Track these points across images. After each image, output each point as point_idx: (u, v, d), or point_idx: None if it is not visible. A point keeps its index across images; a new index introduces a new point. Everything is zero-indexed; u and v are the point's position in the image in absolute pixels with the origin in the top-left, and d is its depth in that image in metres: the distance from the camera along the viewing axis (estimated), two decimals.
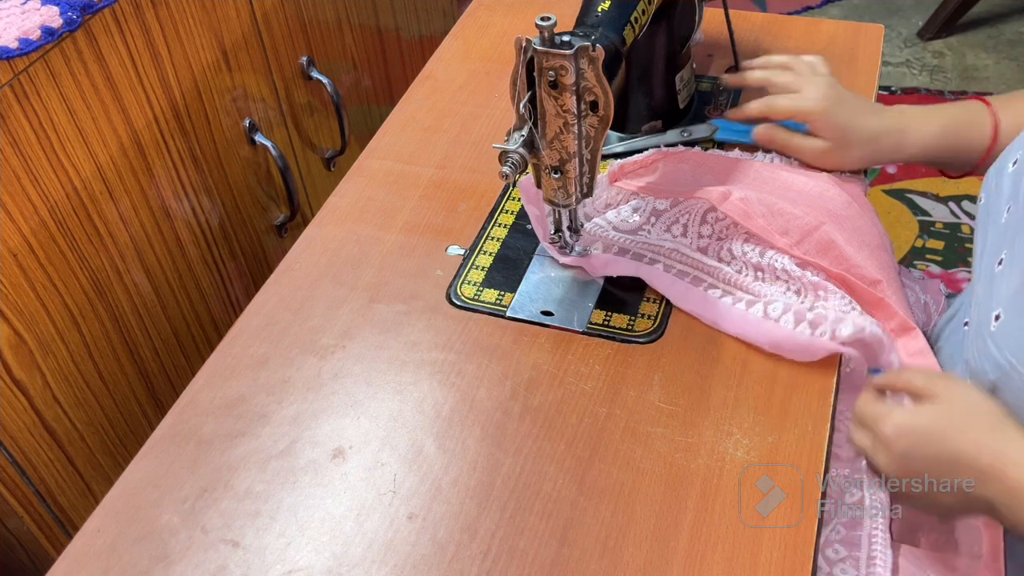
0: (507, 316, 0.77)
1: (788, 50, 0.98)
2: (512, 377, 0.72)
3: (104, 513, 0.65)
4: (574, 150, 0.69)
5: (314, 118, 1.26)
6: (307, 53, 1.21)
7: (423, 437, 0.69)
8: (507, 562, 0.61)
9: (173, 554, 0.63)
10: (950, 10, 2.21)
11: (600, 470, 0.65)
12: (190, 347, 1.09)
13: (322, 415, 0.70)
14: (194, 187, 1.04)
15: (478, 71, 1.04)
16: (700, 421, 0.68)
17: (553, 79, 0.65)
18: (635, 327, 0.75)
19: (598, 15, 0.74)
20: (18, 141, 0.80)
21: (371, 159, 0.94)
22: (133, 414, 1.00)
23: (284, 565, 0.62)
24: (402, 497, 0.65)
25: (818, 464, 0.65)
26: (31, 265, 0.84)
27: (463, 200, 0.88)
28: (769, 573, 0.59)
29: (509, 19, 1.12)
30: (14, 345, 0.83)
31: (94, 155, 0.89)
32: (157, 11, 0.92)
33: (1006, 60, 2.18)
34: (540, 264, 0.81)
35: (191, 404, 0.72)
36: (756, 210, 0.77)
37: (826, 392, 0.69)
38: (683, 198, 0.80)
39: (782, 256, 0.76)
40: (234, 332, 0.77)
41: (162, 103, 0.96)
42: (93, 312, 0.92)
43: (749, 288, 0.76)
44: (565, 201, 0.73)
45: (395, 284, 0.80)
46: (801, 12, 2.37)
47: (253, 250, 1.18)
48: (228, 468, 0.67)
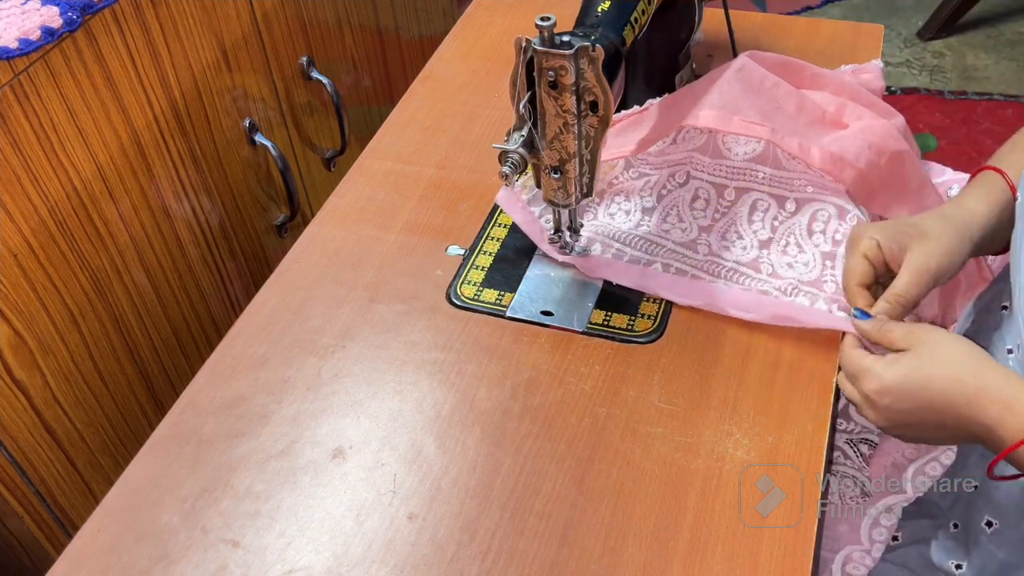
0: (507, 316, 0.77)
1: (788, 50, 0.98)
2: (512, 377, 0.72)
3: (104, 513, 0.65)
4: (574, 150, 0.69)
5: (314, 118, 1.26)
6: (307, 53, 1.21)
7: (423, 437, 0.69)
8: (507, 562, 0.61)
9: (173, 554, 0.63)
10: (950, 10, 2.21)
11: (600, 470, 0.65)
12: (190, 347, 1.09)
13: (322, 415, 0.70)
14: (194, 187, 1.04)
15: (478, 71, 1.04)
16: (700, 421, 0.68)
17: (553, 79, 0.65)
18: (635, 327, 0.75)
19: (598, 15, 0.74)
20: (18, 141, 0.80)
21: (371, 159, 0.94)
22: (133, 414, 1.00)
23: (284, 565, 0.62)
24: (402, 497, 0.65)
25: (818, 464, 0.65)
26: (31, 265, 0.84)
27: (463, 200, 0.88)
28: (769, 573, 0.59)
29: (509, 19, 1.12)
30: (14, 345, 0.83)
31: (94, 155, 0.89)
32: (157, 11, 0.92)
33: (1006, 60, 2.18)
34: (540, 264, 0.81)
35: (191, 404, 0.72)
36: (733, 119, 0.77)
37: (826, 392, 0.69)
38: (671, 131, 0.81)
39: (792, 222, 0.77)
40: (234, 332, 0.77)
41: (162, 103, 0.96)
42: (93, 312, 0.92)
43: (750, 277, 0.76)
44: (565, 201, 0.73)
45: (395, 284, 0.80)
46: (801, 12, 2.37)
47: (253, 250, 1.18)
48: (228, 468, 0.67)
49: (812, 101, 0.82)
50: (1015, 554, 0.69)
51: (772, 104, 0.79)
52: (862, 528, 0.76)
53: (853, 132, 0.80)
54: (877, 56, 1.00)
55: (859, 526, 0.76)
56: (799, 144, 0.76)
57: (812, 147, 0.76)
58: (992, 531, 0.70)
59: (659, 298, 0.77)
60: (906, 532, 0.78)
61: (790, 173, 0.78)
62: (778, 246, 0.78)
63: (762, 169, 0.78)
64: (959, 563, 0.73)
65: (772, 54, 0.86)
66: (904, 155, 0.81)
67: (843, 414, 0.82)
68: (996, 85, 2.11)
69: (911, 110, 2.04)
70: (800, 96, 0.82)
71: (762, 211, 0.79)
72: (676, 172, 0.82)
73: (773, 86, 0.81)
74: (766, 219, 0.79)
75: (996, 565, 0.71)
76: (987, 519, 0.70)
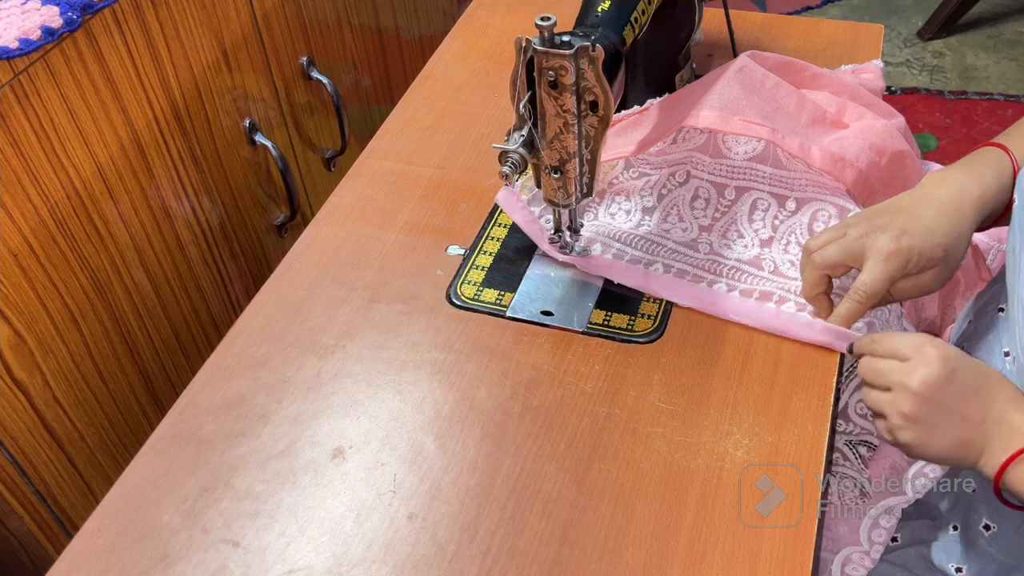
0: (507, 316, 0.77)
1: (788, 50, 0.98)
2: (512, 377, 0.72)
3: (104, 513, 0.65)
4: (574, 150, 0.69)
5: (314, 118, 1.26)
6: (307, 53, 1.21)
7: (423, 437, 0.69)
8: (507, 562, 0.61)
9: (173, 554, 0.62)
10: (950, 10, 2.21)
11: (600, 470, 0.65)
12: (190, 347, 1.09)
13: (322, 415, 0.70)
14: (194, 187, 1.04)
15: (478, 71, 1.04)
16: (700, 421, 0.68)
17: (553, 79, 0.65)
18: (635, 327, 0.75)
19: (598, 15, 0.74)
20: (18, 141, 0.80)
21: (371, 159, 0.94)
22: (133, 414, 1.00)
23: (284, 565, 0.62)
24: (402, 497, 0.65)
25: (818, 464, 0.65)
26: (31, 265, 0.84)
27: (463, 200, 0.88)
28: (769, 573, 0.59)
29: (509, 19, 1.12)
30: (14, 345, 0.83)
31: (94, 155, 0.89)
32: (157, 11, 0.92)
33: (1006, 60, 2.18)
34: (540, 264, 0.81)
35: (191, 404, 0.72)
36: (733, 119, 0.77)
37: (826, 392, 0.69)
38: (672, 131, 0.81)
39: (794, 220, 0.77)
40: (234, 332, 0.77)
41: (162, 103, 0.96)
42: (93, 312, 0.92)
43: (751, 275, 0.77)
44: (565, 201, 0.73)
45: (395, 284, 0.80)
46: (801, 12, 2.37)
47: (253, 250, 1.18)
48: (228, 468, 0.67)
49: (813, 101, 0.82)
50: (1013, 557, 0.69)
51: (772, 104, 0.79)
52: (861, 529, 0.76)
53: (854, 132, 0.80)
54: (877, 56, 1.00)
55: (858, 527, 0.76)
56: (800, 144, 0.76)
57: (813, 147, 0.76)
58: (990, 535, 0.70)
59: (659, 298, 0.77)
60: (906, 533, 0.78)
61: (791, 173, 0.78)
62: (779, 245, 0.78)
63: (762, 168, 0.78)
64: (959, 566, 0.73)
65: (772, 54, 0.86)
66: (904, 155, 0.81)
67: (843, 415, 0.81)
68: (996, 85, 2.11)
69: (911, 110, 2.04)
70: (801, 96, 0.82)
71: (762, 210, 0.79)
72: (676, 171, 0.82)
73: (774, 86, 0.81)
74: (767, 218, 0.79)
75: (995, 568, 0.71)
76: (985, 522, 0.70)
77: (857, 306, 0.69)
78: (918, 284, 0.70)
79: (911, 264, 0.68)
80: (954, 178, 0.71)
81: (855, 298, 0.69)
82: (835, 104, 0.84)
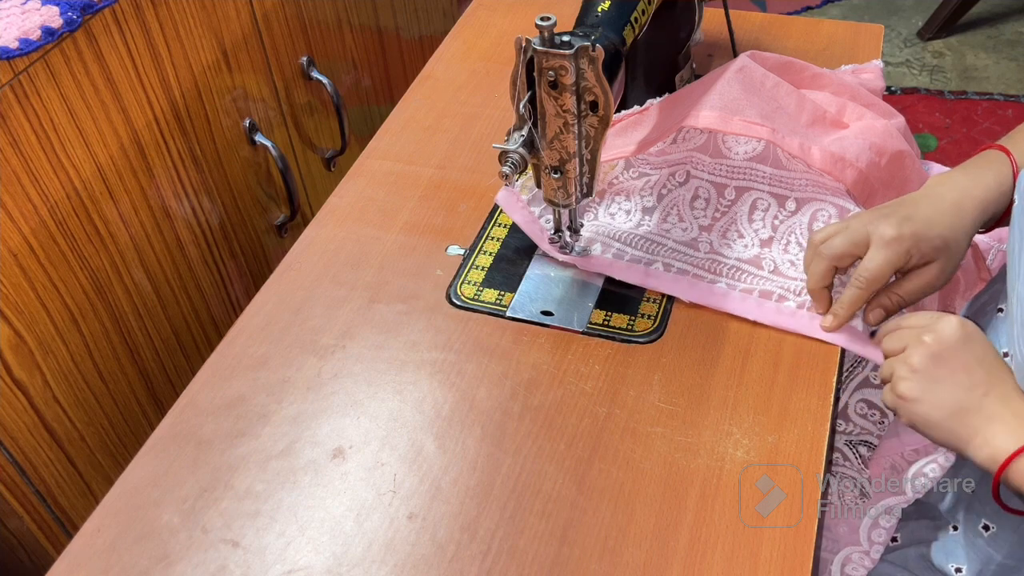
0: (507, 316, 0.77)
1: (788, 50, 0.98)
2: (512, 377, 0.72)
3: (104, 513, 0.65)
4: (574, 150, 0.69)
5: (314, 118, 1.26)
6: (307, 53, 1.21)
7: (423, 437, 0.69)
8: (507, 562, 0.61)
9: (173, 554, 0.62)
10: (950, 10, 2.21)
11: (600, 470, 0.65)
12: (190, 347, 1.09)
13: (322, 415, 0.70)
14: (194, 187, 1.04)
15: (478, 71, 1.04)
16: (700, 421, 0.68)
17: (553, 79, 0.65)
18: (635, 327, 0.75)
19: (598, 15, 0.74)
20: (18, 141, 0.80)
21: (371, 159, 0.94)
22: (133, 414, 1.00)
23: (284, 565, 0.62)
24: (402, 497, 0.65)
25: (818, 464, 0.65)
26: (31, 265, 0.84)
27: (463, 200, 0.88)
28: (769, 573, 0.59)
29: (509, 19, 1.12)
30: (14, 345, 0.83)
31: (94, 155, 0.89)
32: (157, 11, 0.92)
33: (1006, 60, 2.18)
34: (540, 264, 0.81)
35: (191, 404, 0.72)
36: (733, 119, 0.77)
37: (826, 392, 0.69)
38: (672, 131, 0.81)
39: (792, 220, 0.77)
40: (234, 332, 0.77)
41: (162, 103, 0.96)
42: (93, 312, 0.92)
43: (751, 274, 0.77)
44: (565, 201, 0.73)
45: (395, 284, 0.80)
46: (801, 12, 2.37)
47: (253, 250, 1.18)
48: (228, 468, 0.67)
49: (813, 101, 0.82)
50: (1013, 557, 0.69)
51: (772, 104, 0.79)
52: (861, 529, 0.76)
53: (854, 132, 0.80)
54: (877, 56, 1.00)
55: (858, 527, 0.76)
56: (800, 144, 0.76)
57: (813, 147, 0.76)
58: (990, 535, 0.70)
59: (659, 298, 0.77)
60: (905, 533, 0.78)
61: (790, 173, 0.78)
62: (779, 245, 0.78)
63: (762, 168, 0.78)
64: (959, 566, 0.73)
65: (772, 54, 0.86)
66: (904, 155, 0.81)
67: (843, 415, 0.82)
68: (996, 85, 2.11)
69: (911, 110, 2.04)
70: (801, 96, 0.82)
71: (762, 210, 0.79)
72: (676, 171, 0.82)
73: (774, 86, 0.81)
74: (767, 218, 0.79)
75: (995, 568, 0.70)
76: (985, 522, 0.70)
77: (859, 292, 0.70)
78: (922, 279, 0.70)
79: (912, 252, 0.68)
80: (956, 180, 0.72)
81: (857, 284, 0.70)
82: (835, 104, 0.84)
